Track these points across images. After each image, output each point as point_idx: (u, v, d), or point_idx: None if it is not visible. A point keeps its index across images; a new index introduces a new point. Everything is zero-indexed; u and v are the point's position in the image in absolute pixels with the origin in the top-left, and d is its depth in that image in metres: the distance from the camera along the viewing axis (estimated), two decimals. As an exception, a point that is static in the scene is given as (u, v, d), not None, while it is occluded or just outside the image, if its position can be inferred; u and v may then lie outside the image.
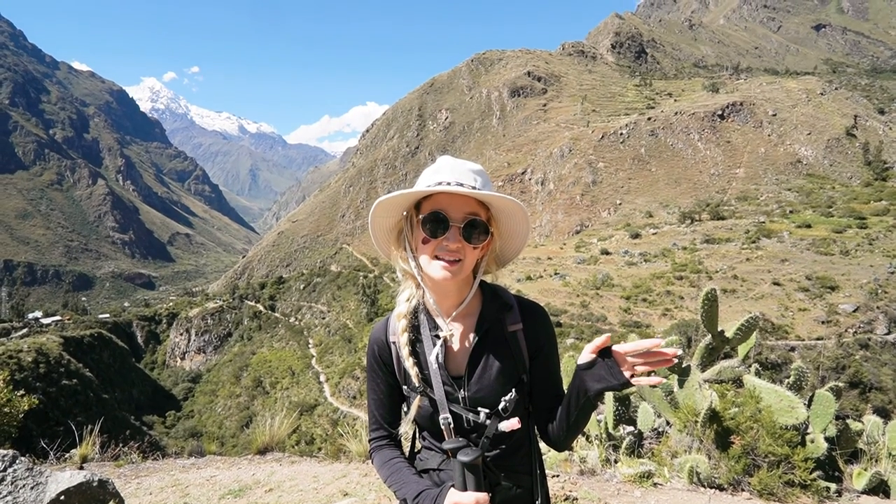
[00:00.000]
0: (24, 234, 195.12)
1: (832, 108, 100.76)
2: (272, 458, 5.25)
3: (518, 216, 1.29)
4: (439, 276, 1.23)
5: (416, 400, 1.32)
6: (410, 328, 1.34)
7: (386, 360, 1.37)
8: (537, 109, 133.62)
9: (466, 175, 1.24)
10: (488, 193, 1.22)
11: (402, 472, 1.33)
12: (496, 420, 1.25)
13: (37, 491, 3.02)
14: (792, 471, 3.79)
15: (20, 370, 39.15)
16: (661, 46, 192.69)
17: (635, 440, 4.70)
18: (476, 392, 1.29)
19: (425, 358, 1.31)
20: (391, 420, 1.40)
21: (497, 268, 1.40)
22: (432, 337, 1.32)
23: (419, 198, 1.28)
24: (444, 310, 1.32)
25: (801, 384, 4.52)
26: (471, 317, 1.34)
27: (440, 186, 1.20)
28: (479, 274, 1.34)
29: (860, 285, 42.51)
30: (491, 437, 1.27)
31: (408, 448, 1.45)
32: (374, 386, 1.41)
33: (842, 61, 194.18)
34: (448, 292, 1.31)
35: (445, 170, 1.25)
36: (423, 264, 1.27)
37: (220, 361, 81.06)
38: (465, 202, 1.24)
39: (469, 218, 1.23)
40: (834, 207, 66.10)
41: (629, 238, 67.02)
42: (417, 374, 1.31)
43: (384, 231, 1.35)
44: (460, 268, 1.23)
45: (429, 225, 1.23)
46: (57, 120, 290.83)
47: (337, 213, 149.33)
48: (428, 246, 1.24)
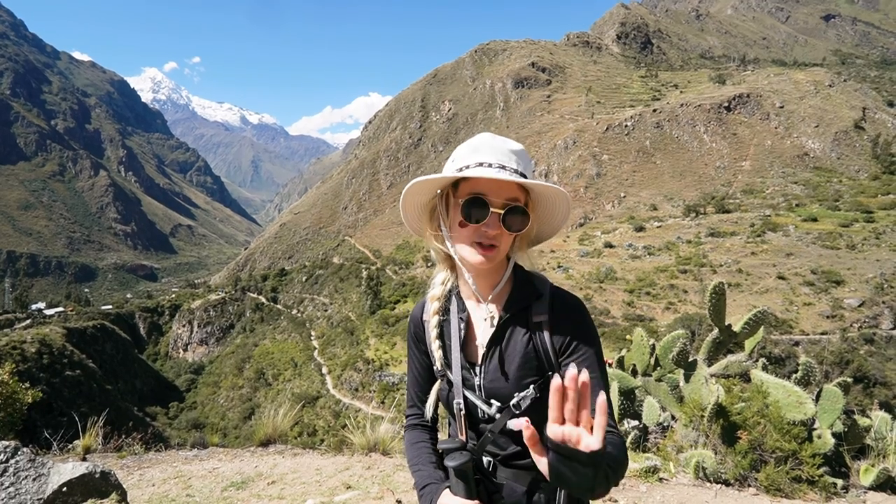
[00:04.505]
0: (26, 226, 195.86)
1: (840, 101, 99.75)
2: (275, 450, 5.25)
3: (561, 204, 1.22)
4: (476, 261, 1.17)
5: (436, 384, 1.29)
6: (442, 311, 1.31)
7: (421, 338, 1.36)
8: (541, 101, 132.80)
9: (508, 157, 1.16)
10: (534, 182, 1.16)
11: (421, 457, 1.31)
12: (506, 415, 1.17)
13: (39, 482, 3.00)
14: (799, 466, 3.76)
15: (24, 361, 39.40)
16: (667, 37, 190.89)
17: (640, 435, 4.67)
18: (491, 381, 1.21)
19: (450, 340, 1.28)
20: (426, 399, 1.36)
21: (528, 247, 1.32)
22: (458, 319, 1.28)
23: (458, 178, 1.20)
24: (481, 291, 1.26)
25: (809, 379, 4.48)
26: (500, 302, 1.26)
27: (482, 170, 1.14)
28: (512, 258, 1.27)
29: (866, 280, 42.35)
30: (497, 432, 1.19)
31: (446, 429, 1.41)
32: (411, 364, 1.40)
33: (851, 52, 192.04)
34: (483, 274, 1.25)
35: (485, 149, 1.17)
36: (458, 248, 1.21)
37: (222, 353, 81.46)
38: (507, 187, 1.16)
39: (510, 204, 1.16)
40: (841, 201, 65.72)
41: (633, 231, 66.83)
42: (441, 356, 1.28)
43: (416, 208, 1.29)
44: (497, 253, 1.18)
45: (468, 209, 1.16)
46: (58, 110, 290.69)
47: (339, 204, 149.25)
48: (465, 230, 1.18)
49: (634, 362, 5.29)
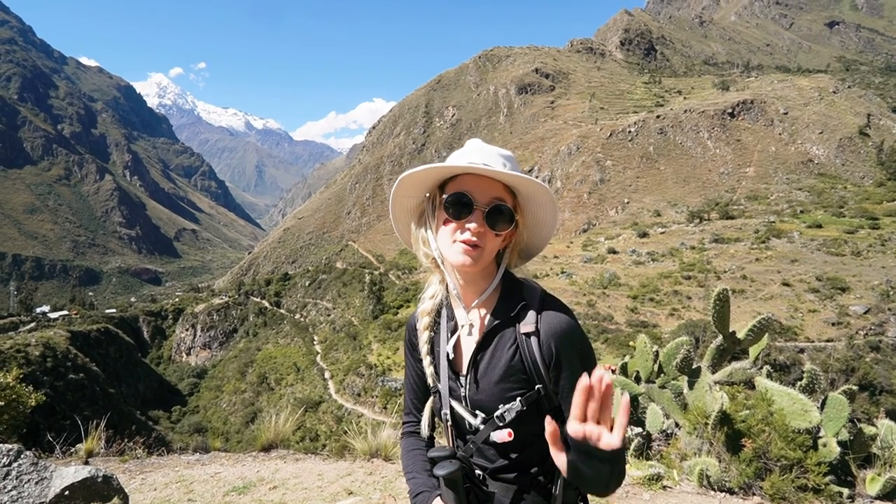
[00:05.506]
0: (32, 229, 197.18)
1: (845, 107, 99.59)
2: (276, 455, 5.24)
3: (546, 203, 1.20)
4: (459, 261, 1.15)
5: (432, 397, 1.29)
6: (432, 327, 1.30)
7: (415, 346, 1.34)
8: (545, 107, 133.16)
9: (495, 158, 1.16)
10: (515, 174, 1.13)
11: (416, 465, 1.31)
12: (489, 427, 1.15)
13: (41, 486, 3.01)
14: (804, 475, 3.73)
15: (28, 364, 39.56)
16: (670, 43, 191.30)
17: (643, 442, 4.64)
18: (476, 393, 1.19)
19: (440, 349, 1.27)
20: (421, 407, 1.36)
21: (521, 261, 1.29)
22: (448, 328, 1.27)
23: (444, 178, 1.21)
24: (466, 300, 1.24)
25: (814, 387, 4.44)
26: (486, 311, 1.24)
27: (466, 165, 1.14)
28: (502, 266, 1.24)
29: (872, 287, 42.05)
30: (479, 444, 1.18)
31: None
32: (407, 371, 1.39)
33: (855, 59, 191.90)
34: (470, 279, 1.22)
35: (474, 152, 1.18)
36: (442, 247, 1.19)
37: (225, 357, 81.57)
38: (492, 186, 1.16)
39: (494, 202, 1.15)
40: (846, 207, 65.40)
41: (637, 237, 66.68)
42: (432, 372, 1.27)
43: (405, 211, 1.28)
44: (480, 254, 1.15)
45: (452, 206, 1.15)
46: (65, 115, 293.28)
47: (343, 209, 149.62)
48: (449, 228, 1.17)
49: (638, 369, 5.27)
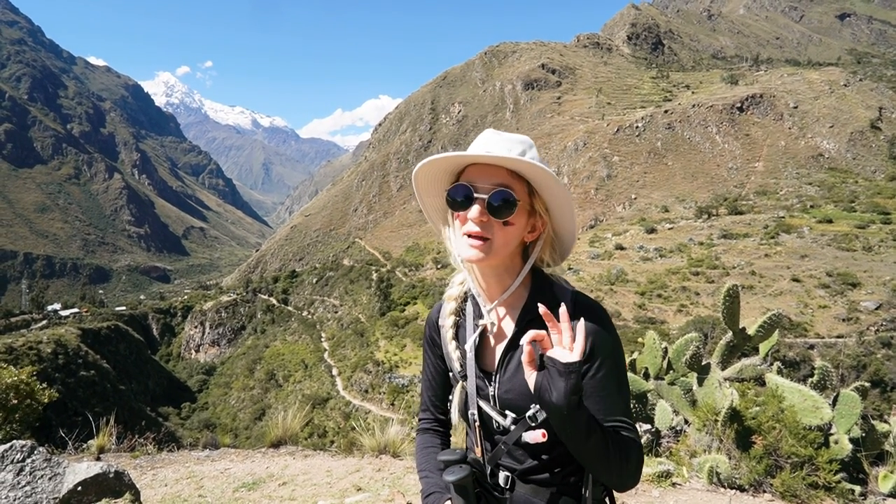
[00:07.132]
0: (43, 228, 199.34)
1: (856, 100, 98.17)
2: (285, 451, 5.27)
3: (553, 188, 1.12)
4: (466, 255, 1.11)
5: (458, 387, 1.23)
6: (458, 312, 1.26)
7: (436, 341, 1.30)
8: (551, 102, 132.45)
9: (500, 144, 1.10)
10: (513, 158, 1.06)
11: (429, 463, 1.28)
12: (521, 428, 1.11)
13: (55, 482, 3.05)
14: (815, 472, 3.70)
15: (40, 361, 40.17)
16: (678, 37, 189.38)
17: (653, 439, 4.62)
18: (506, 392, 1.14)
19: (465, 345, 1.22)
20: (438, 403, 1.34)
21: (557, 258, 1.23)
22: (474, 324, 1.22)
23: (455, 171, 1.16)
24: (489, 296, 1.20)
25: (826, 383, 4.40)
26: (516, 309, 1.18)
27: (466, 154, 1.09)
28: (529, 261, 1.18)
29: (883, 282, 41.59)
30: (511, 444, 1.13)
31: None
32: (425, 367, 1.36)
33: (867, 51, 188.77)
34: (492, 275, 1.17)
35: (481, 141, 1.14)
36: (455, 243, 1.16)
37: (233, 354, 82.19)
38: (494, 173, 1.10)
39: (495, 189, 1.08)
40: (857, 202, 64.65)
41: (644, 233, 66.31)
42: (459, 357, 1.22)
43: (436, 211, 1.24)
44: (489, 247, 1.09)
45: (451, 197, 1.12)
46: (74, 115, 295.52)
47: (349, 207, 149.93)
48: (458, 222, 1.13)
49: (646, 365, 5.25)
